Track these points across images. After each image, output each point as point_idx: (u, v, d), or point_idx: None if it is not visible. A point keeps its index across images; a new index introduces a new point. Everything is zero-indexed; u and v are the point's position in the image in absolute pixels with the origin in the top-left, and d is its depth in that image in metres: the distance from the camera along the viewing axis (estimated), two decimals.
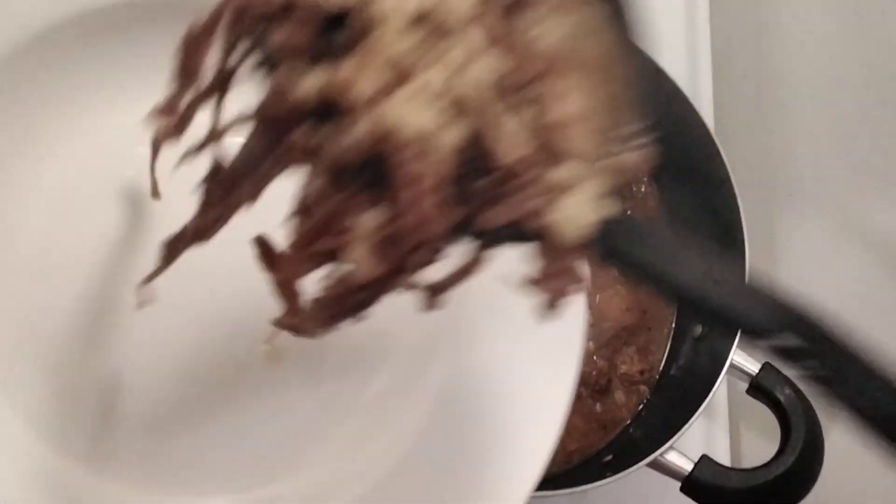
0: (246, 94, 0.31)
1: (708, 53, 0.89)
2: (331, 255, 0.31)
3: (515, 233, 0.30)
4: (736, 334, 0.69)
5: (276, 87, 0.30)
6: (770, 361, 0.69)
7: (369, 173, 0.29)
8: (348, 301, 0.31)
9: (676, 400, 0.72)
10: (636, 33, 0.32)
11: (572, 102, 0.30)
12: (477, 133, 0.29)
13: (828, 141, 0.84)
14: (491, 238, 0.31)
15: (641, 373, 0.75)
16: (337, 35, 0.29)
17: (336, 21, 0.29)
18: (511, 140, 0.29)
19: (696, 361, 0.73)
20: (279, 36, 0.30)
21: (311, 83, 0.29)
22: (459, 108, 0.29)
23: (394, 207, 0.29)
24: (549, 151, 0.30)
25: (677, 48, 0.88)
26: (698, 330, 0.74)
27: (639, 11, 0.32)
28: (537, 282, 0.31)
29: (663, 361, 0.76)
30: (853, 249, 0.80)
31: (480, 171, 0.29)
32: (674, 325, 0.77)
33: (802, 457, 0.64)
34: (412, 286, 0.31)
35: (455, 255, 0.31)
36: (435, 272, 0.31)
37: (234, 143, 0.32)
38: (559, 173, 0.30)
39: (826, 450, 0.66)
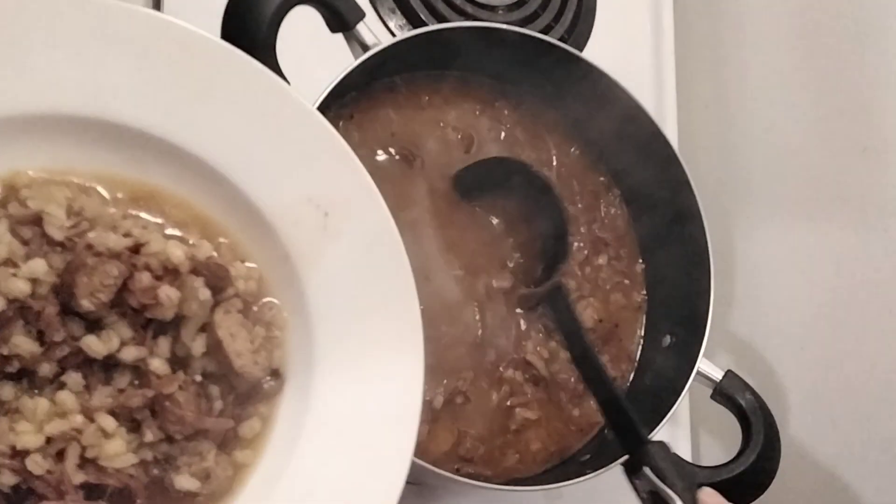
0: None
1: (672, 86, 0.96)
2: None
3: None
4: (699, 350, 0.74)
5: None
6: (732, 370, 0.75)
7: None
8: None
9: (647, 405, 0.76)
10: None
11: None
12: None
13: (780, 165, 0.90)
14: None
15: (614, 380, 0.79)
16: None
17: None
18: None
19: (665, 368, 0.78)
20: None
21: None
22: None
23: None
24: None
25: (646, 82, 0.94)
26: (667, 340, 0.79)
27: None
28: None
29: (634, 370, 0.81)
30: (802, 260, 0.87)
31: None
32: (643, 337, 0.82)
33: (762, 455, 0.70)
34: None
35: None
36: None
37: None
38: None
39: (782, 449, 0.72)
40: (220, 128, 0.54)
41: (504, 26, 0.76)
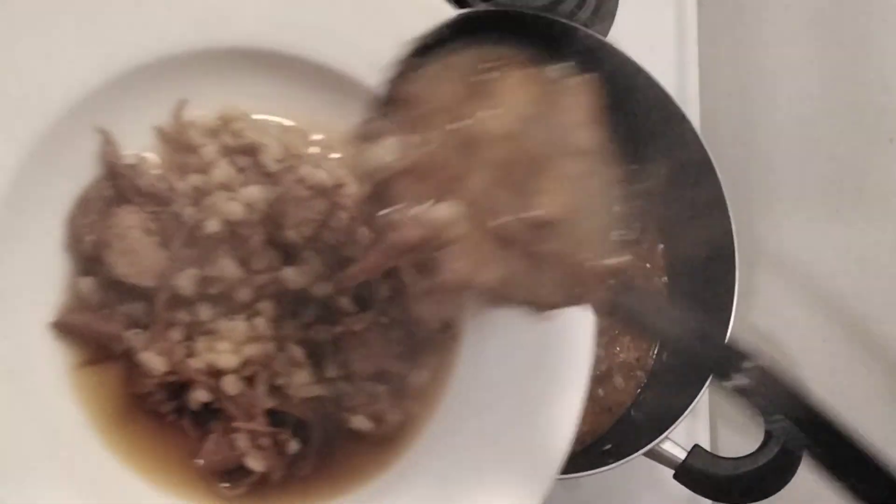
0: None
1: (695, 73, 0.94)
2: None
3: None
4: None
5: None
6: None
7: None
8: None
9: (671, 383, 0.77)
10: None
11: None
12: None
13: (804, 154, 0.89)
14: None
15: (637, 360, 0.79)
16: None
17: None
18: None
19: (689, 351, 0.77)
20: None
21: None
22: None
23: None
24: None
25: (669, 70, 0.93)
26: None
27: None
28: None
29: (655, 349, 0.81)
30: (825, 251, 0.85)
31: None
32: None
33: (786, 448, 0.68)
34: None
35: None
36: None
37: None
38: None
39: None
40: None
41: (527, 10, 0.74)
